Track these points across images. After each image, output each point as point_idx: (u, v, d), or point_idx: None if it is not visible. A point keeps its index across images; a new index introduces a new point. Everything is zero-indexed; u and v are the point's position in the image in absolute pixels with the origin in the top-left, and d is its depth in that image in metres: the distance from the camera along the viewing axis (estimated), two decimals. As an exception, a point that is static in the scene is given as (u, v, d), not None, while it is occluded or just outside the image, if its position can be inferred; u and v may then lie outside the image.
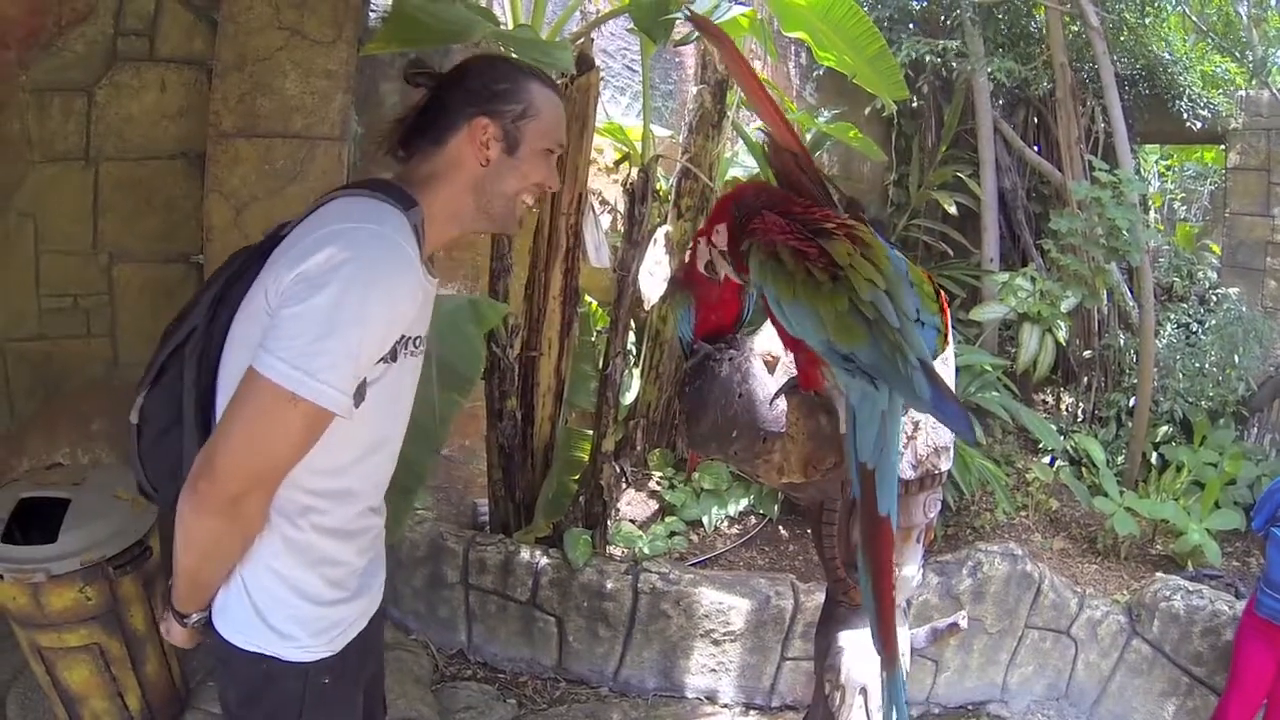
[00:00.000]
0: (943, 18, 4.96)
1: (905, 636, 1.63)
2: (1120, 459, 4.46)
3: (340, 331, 1.05)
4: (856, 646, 1.57)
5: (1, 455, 2.91)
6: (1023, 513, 4.06)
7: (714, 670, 3.08)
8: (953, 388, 1.28)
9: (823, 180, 1.34)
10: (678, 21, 2.68)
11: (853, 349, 1.14)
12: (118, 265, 2.94)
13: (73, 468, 2.70)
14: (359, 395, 1.12)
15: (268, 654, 1.22)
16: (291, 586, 1.22)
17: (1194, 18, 5.18)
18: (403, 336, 1.18)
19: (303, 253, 1.07)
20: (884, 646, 1.24)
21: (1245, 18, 5.02)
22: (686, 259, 1.64)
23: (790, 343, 1.28)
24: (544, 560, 3.01)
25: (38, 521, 2.20)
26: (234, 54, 2.70)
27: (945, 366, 1.43)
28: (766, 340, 1.63)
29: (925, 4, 4.98)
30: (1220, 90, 5.37)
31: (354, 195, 1.17)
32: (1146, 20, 5.14)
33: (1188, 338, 4.84)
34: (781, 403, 1.41)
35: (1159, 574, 3.52)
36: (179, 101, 2.91)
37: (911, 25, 4.98)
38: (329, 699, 1.28)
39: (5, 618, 2.25)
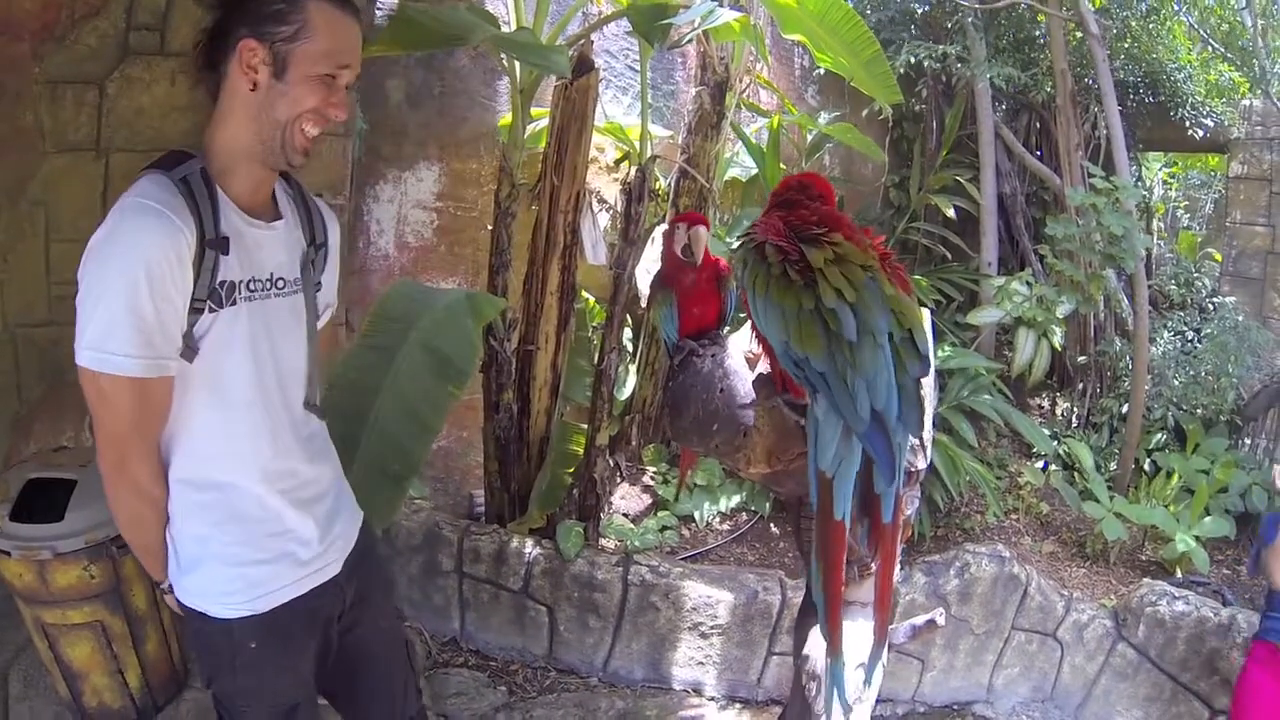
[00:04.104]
0: (946, 22, 4.98)
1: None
2: (1113, 464, 4.48)
3: (102, 302, 1.11)
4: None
5: (10, 438, 2.96)
6: (1013, 516, 4.09)
7: (700, 663, 3.13)
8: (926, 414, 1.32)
9: None
10: (676, 25, 2.72)
11: (807, 354, 1.18)
12: (126, 255, 3.01)
13: (78, 450, 2.74)
14: (189, 348, 1.18)
15: (197, 609, 1.31)
16: (203, 545, 1.29)
17: (1197, 26, 5.18)
18: (223, 281, 1.20)
19: None
20: (830, 637, 1.30)
21: (1251, 27, 5.02)
22: (665, 244, 1.69)
23: (762, 342, 1.33)
24: (537, 551, 3.06)
25: (45, 501, 2.25)
26: (243, 47, 2.75)
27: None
28: (748, 339, 1.68)
29: (928, 8, 4.99)
30: (1224, 99, 5.37)
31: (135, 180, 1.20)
32: (1150, 27, 5.15)
33: (1184, 345, 4.86)
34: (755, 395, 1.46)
35: (1146, 579, 3.54)
36: (188, 95, 2.92)
37: (914, 29, 4.99)
38: (260, 662, 1.33)
39: (10, 595, 2.31)
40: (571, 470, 3.23)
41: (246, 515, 1.29)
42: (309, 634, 1.38)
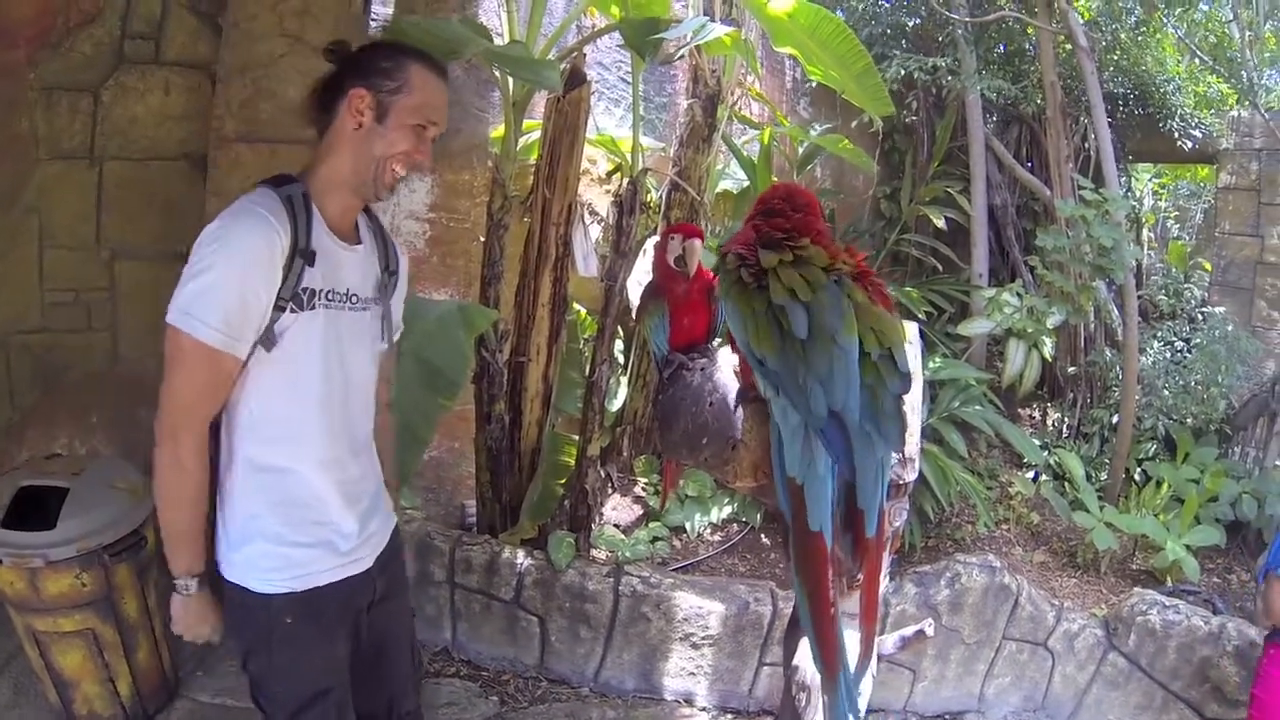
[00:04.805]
0: (937, 35, 5.02)
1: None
2: (1104, 474, 4.50)
3: (201, 276, 1.29)
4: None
5: (2, 444, 2.97)
6: (1004, 526, 4.10)
7: (692, 673, 3.13)
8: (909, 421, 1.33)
9: None
10: (668, 40, 2.75)
11: (763, 354, 1.21)
12: (119, 262, 3.03)
13: (71, 458, 2.76)
14: (268, 340, 1.35)
15: (240, 584, 1.43)
16: (254, 522, 1.42)
17: (1185, 38, 5.23)
18: (305, 288, 1.38)
19: None
20: (825, 666, 1.24)
21: (1239, 39, 5.07)
22: (657, 253, 1.70)
23: (733, 347, 1.36)
24: (528, 561, 3.06)
25: (37, 509, 2.27)
26: (238, 59, 2.77)
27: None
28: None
29: (919, 21, 5.03)
30: (1212, 110, 5.42)
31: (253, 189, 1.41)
32: (1139, 39, 5.20)
33: (1174, 355, 4.89)
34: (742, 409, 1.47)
35: (1137, 589, 3.55)
36: (182, 104, 2.98)
37: (905, 42, 5.03)
38: (295, 638, 1.45)
39: (2, 603, 2.31)
40: (563, 481, 3.24)
41: (298, 500, 1.44)
42: (341, 620, 1.50)
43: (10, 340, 2.98)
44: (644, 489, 3.86)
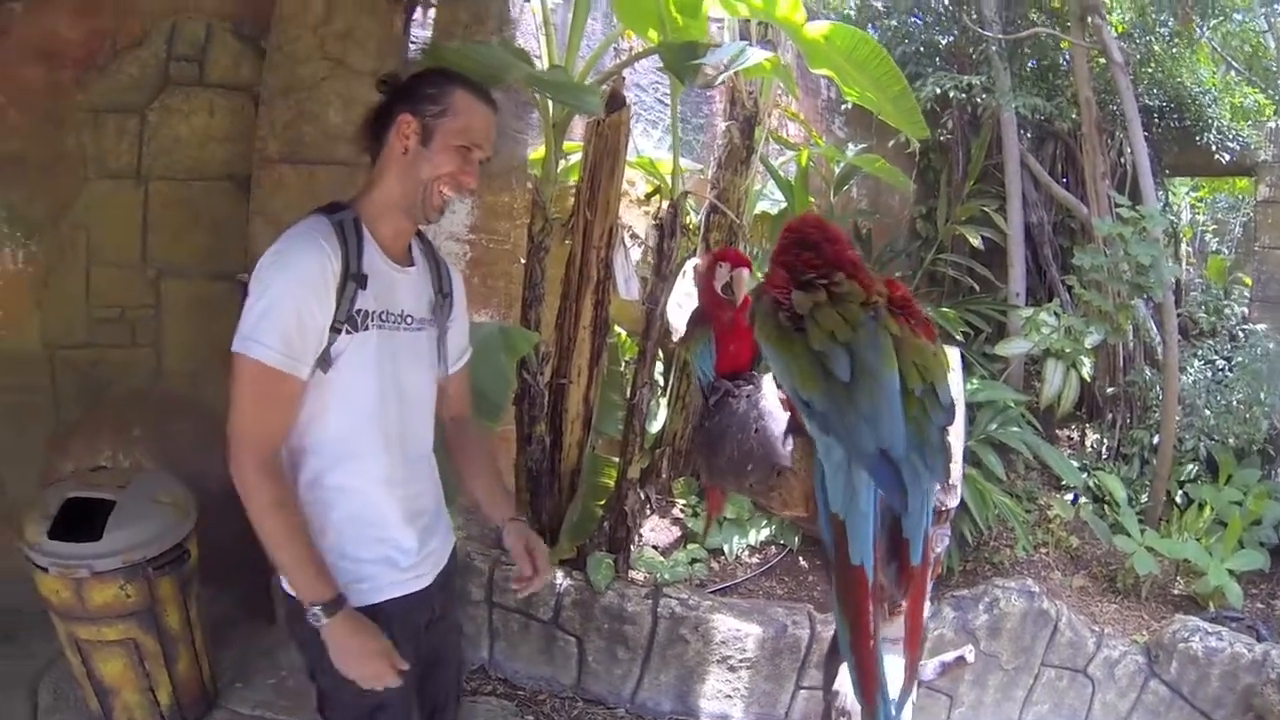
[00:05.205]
0: (970, 51, 5.00)
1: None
2: (1144, 497, 4.43)
3: (260, 300, 1.35)
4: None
5: (48, 456, 3.04)
6: (1043, 550, 4.05)
7: (729, 696, 3.13)
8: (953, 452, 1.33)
9: None
10: (707, 64, 2.76)
11: (810, 396, 1.22)
12: (165, 280, 3.08)
13: (117, 471, 2.82)
14: (325, 362, 1.40)
15: (294, 594, 1.44)
16: (317, 538, 1.44)
17: (1220, 49, 5.16)
18: (359, 309, 1.42)
19: None
20: (864, 696, 1.23)
21: (1275, 48, 4.99)
22: (703, 279, 1.71)
23: (779, 384, 1.37)
24: (567, 582, 3.08)
25: (83, 520, 2.31)
26: (280, 82, 2.82)
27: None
28: (779, 381, 1.69)
29: (952, 38, 5.01)
30: (1249, 122, 5.33)
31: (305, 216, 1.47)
32: (1174, 51, 5.13)
33: (1214, 374, 4.81)
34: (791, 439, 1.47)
35: (1179, 615, 3.50)
36: (226, 125, 3.04)
37: (938, 60, 5.01)
38: None
39: (42, 608, 2.35)
40: (602, 502, 3.25)
41: (358, 517, 1.48)
42: (402, 635, 1.51)
43: (57, 355, 3.05)
44: (682, 510, 3.87)
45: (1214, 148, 5.14)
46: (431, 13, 3.64)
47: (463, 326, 1.72)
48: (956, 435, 1.47)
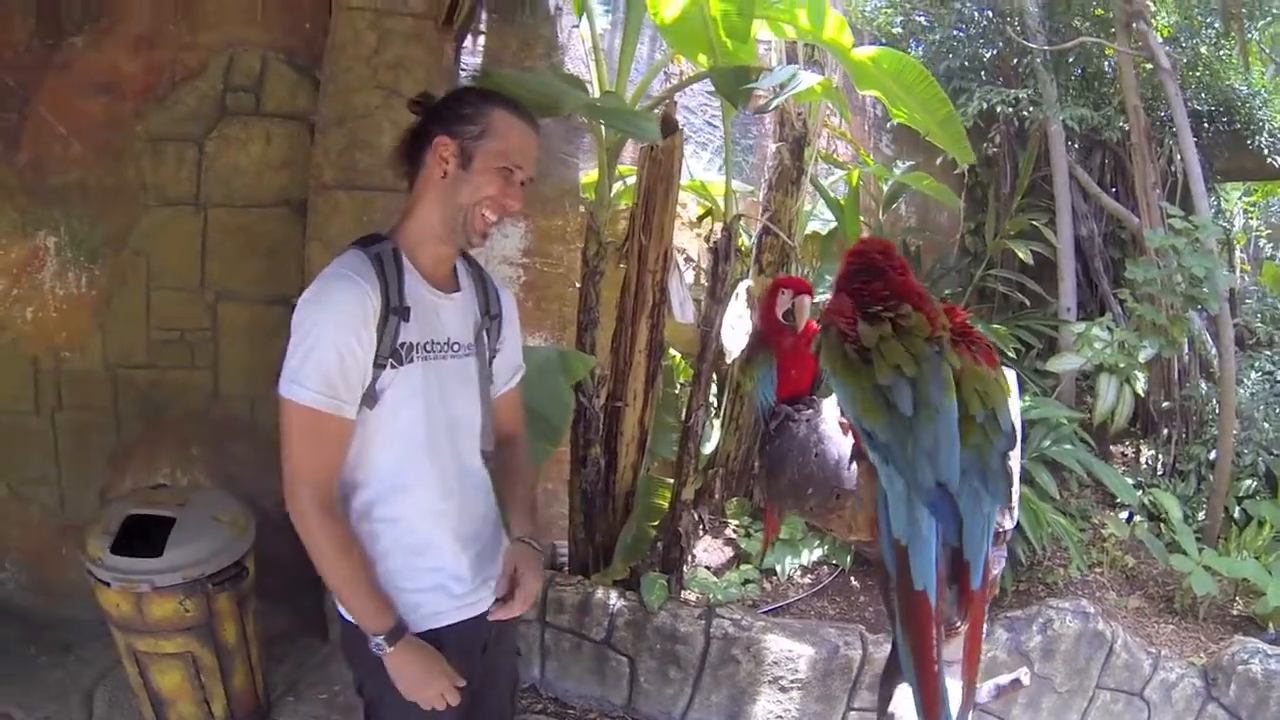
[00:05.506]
0: (1014, 62, 4.95)
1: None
2: (1201, 514, 4.35)
3: (302, 342, 1.34)
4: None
5: (108, 473, 3.16)
6: (1098, 569, 4.00)
7: (780, 717, 3.13)
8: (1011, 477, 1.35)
9: None
10: (759, 89, 2.78)
11: (873, 428, 1.26)
12: (222, 304, 3.18)
13: (176, 489, 2.91)
14: (371, 398, 1.38)
15: (350, 620, 1.46)
16: (368, 568, 1.44)
17: (1268, 50, 5.04)
18: (403, 343, 1.40)
19: None
20: (927, 712, 1.26)
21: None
22: (763, 305, 1.73)
23: (842, 412, 1.40)
24: (620, 602, 3.11)
25: (142, 536, 2.40)
26: (335, 111, 2.88)
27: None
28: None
29: (996, 52, 4.96)
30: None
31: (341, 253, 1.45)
32: (1221, 54, 5.03)
33: (1273, 386, 4.70)
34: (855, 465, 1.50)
35: (1238, 636, 3.43)
36: (282, 154, 3.13)
37: (983, 74, 4.97)
38: None
39: (97, 620, 2.45)
40: (656, 524, 3.28)
41: (409, 547, 1.47)
42: (458, 657, 1.50)
43: (118, 375, 3.16)
44: (735, 531, 3.89)
45: (1266, 151, 5.05)
46: (481, 40, 3.71)
47: (515, 345, 1.69)
48: (1015, 457, 1.50)
